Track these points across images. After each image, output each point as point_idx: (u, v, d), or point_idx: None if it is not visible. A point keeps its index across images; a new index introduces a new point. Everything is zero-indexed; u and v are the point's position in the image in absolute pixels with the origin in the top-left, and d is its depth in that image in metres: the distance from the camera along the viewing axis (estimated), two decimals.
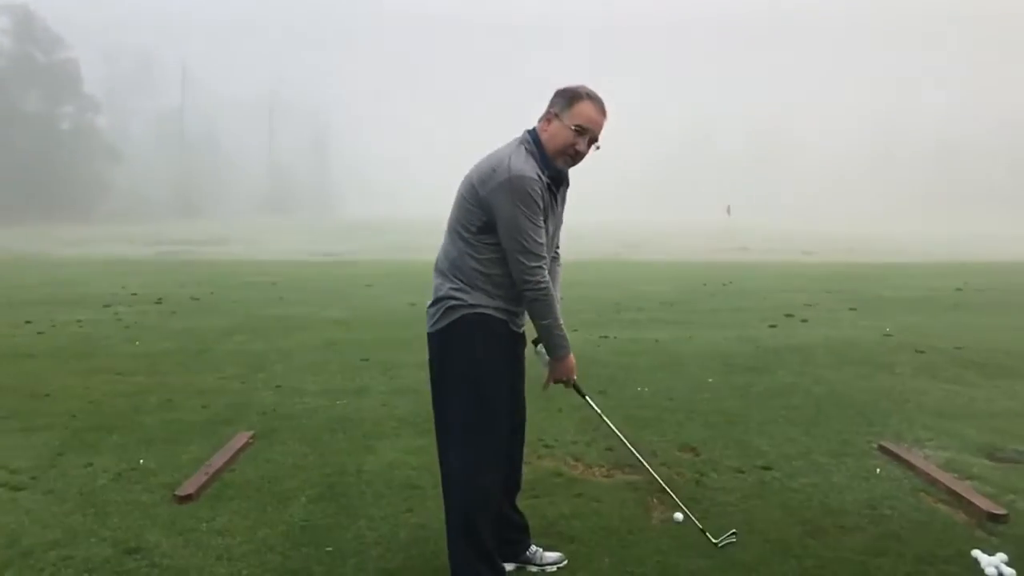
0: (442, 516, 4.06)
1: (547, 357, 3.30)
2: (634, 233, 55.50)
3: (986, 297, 15.07)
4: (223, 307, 13.32)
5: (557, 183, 3.17)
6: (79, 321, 11.45)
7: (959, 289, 16.43)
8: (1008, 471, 4.87)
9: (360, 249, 38.43)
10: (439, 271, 3.23)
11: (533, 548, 3.56)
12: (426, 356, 3.28)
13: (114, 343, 9.55)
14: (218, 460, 4.94)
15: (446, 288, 3.17)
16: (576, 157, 3.14)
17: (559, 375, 3.33)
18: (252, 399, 6.71)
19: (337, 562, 3.60)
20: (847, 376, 7.60)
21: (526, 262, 3.03)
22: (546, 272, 3.10)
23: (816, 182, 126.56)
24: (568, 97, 3.11)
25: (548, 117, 3.14)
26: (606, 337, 9.94)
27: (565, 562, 3.58)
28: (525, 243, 3.01)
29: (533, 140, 3.13)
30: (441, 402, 3.24)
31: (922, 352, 8.79)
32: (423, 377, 3.35)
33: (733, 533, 3.50)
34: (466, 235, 3.10)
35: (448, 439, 3.23)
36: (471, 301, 3.12)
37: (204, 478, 4.61)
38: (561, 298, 3.34)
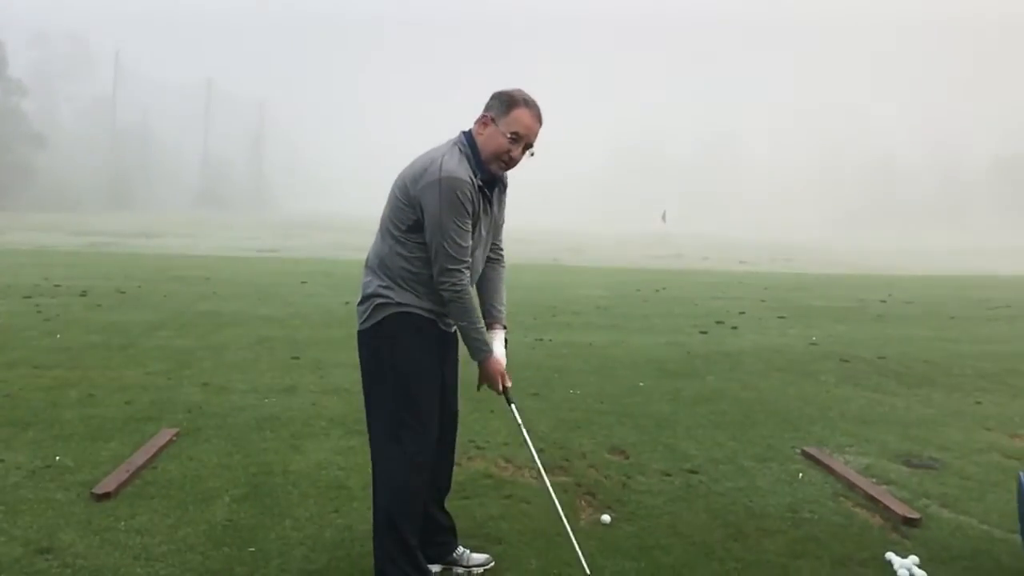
0: (369, 517, 4.03)
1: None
2: (574, 238, 55.92)
3: (910, 309, 15.58)
4: (151, 301, 12.97)
5: (491, 186, 3.17)
6: None
7: (884, 300, 16.95)
8: (923, 477, 5.03)
9: (297, 246, 37.88)
10: (369, 268, 3.22)
11: (460, 549, 3.55)
12: (357, 356, 3.25)
13: (34, 336, 9.22)
14: (139, 457, 4.81)
15: (375, 286, 3.15)
16: (510, 163, 3.15)
17: (483, 379, 3.32)
18: (177, 396, 6.55)
19: (260, 563, 3.53)
20: (774, 383, 7.76)
21: (446, 264, 3.03)
22: (466, 277, 3.10)
23: (760, 194, 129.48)
24: (505, 103, 3.10)
25: (484, 120, 3.12)
26: (541, 340, 9.98)
27: (492, 564, 3.57)
28: (446, 244, 3.01)
29: (468, 142, 3.12)
30: (370, 400, 3.23)
31: (847, 361, 9.04)
32: (355, 377, 3.32)
33: None
34: (396, 233, 3.10)
35: (377, 437, 3.21)
36: (398, 299, 3.11)
37: (124, 476, 4.47)
38: (505, 301, 3.36)
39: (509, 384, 3.34)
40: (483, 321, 3.26)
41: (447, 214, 2.98)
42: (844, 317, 13.71)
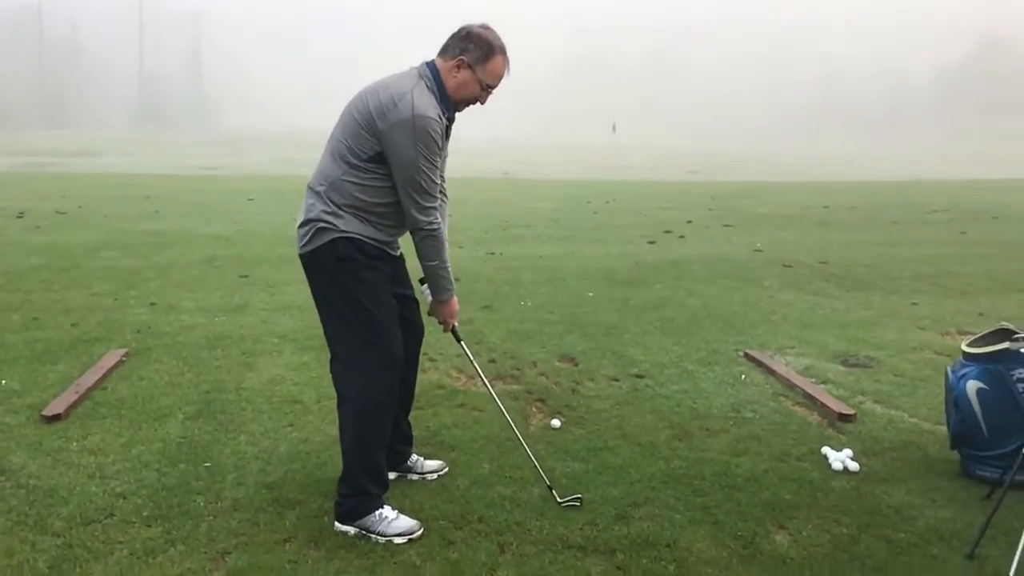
0: (325, 430, 4.13)
1: (430, 297, 3.30)
2: (523, 150, 55.46)
3: (852, 215, 15.91)
4: (92, 221, 12.65)
5: (451, 121, 3.13)
6: None
7: (827, 207, 17.26)
8: (859, 375, 5.25)
9: (241, 163, 36.97)
10: (313, 191, 3.10)
11: (414, 457, 3.63)
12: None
13: None
14: (89, 379, 4.78)
15: (318, 210, 3.04)
16: (473, 105, 3.15)
17: (440, 315, 3.33)
18: (125, 317, 6.48)
19: (216, 477, 3.58)
20: (718, 289, 7.94)
21: (421, 202, 3.00)
22: (438, 213, 3.10)
23: (705, 102, 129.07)
24: (484, 50, 3.01)
25: (458, 63, 3.02)
26: (492, 254, 10.01)
27: (446, 469, 3.67)
28: (423, 183, 2.97)
29: (433, 77, 3.03)
30: (327, 323, 3.18)
31: (789, 267, 9.26)
32: (306, 294, 3.28)
33: (578, 497, 3.38)
34: (354, 160, 2.99)
35: (341, 357, 3.18)
36: (343, 227, 3.02)
37: (74, 397, 4.45)
38: (447, 238, 3.34)
39: (456, 324, 3.42)
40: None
41: (420, 155, 2.92)
42: (788, 224, 13.97)
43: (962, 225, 13.98)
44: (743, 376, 5.17)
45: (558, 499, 3.36)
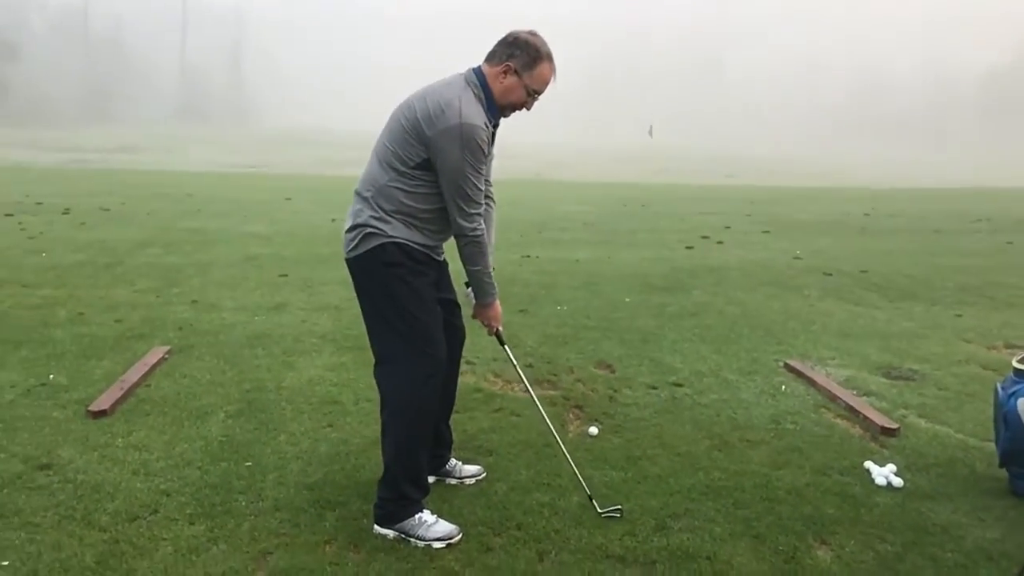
0: (363, 432, 4.16)
1: (474, 300, 3.31)
2: (557, 153, 55.41)
3: (892, 223, 15.67)
4: (136, 219, 12.87)
5: (496, 125, 3.14)
6: None
7: (868, 214, 17.03)
8: (902, 388, 5.16)
9: (279, 162, 37.39)
10: (361, 197, 3.12)
11: (453, 461, 3.64)
12: (346, 274, 3.24)
13: (18, 254, 9.17)
14: (133, 375, 4.86)
15: (366, 216, 3.07)
16: (520, 111, 3.17)
17: (483, 318, 3.34)
18: (167, 314, 6.58)
19: (257, 476, 3.62)
20: (758, 297, 7.86)
21: (466, 208, 3.01)
22: (482, 220, 3.10)
23: (743, 106, 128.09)
24: (532, 56, 3.02)
25: (505, 69, 3.03)
26: (528, 257, 10.02)
27: (484, 475, 3.67)
28: (468, 191, 2.98)
29: (480, 84, 3.05)
30: (372, 325, 3.20)
31: (829, 275, 9.15)
32: (344, 295, 3.33)
33: (618, 508, 3.33)
34: (401, 167, 3.01)
35: (386, 359, 3.19)
36: (390, 232, 3.05)
37: (119, 393, 4.53)
38: (494, 242, 3.35)
39: (501, 327, 3.41)
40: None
41: (467, 163, 2.93)
42: (828, 231, 13.80)
43: (1007, 235, 13.69)
44: (783, 386, 5.11)
45: (598, 509, 3.33)
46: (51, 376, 4.90)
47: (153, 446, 3.92)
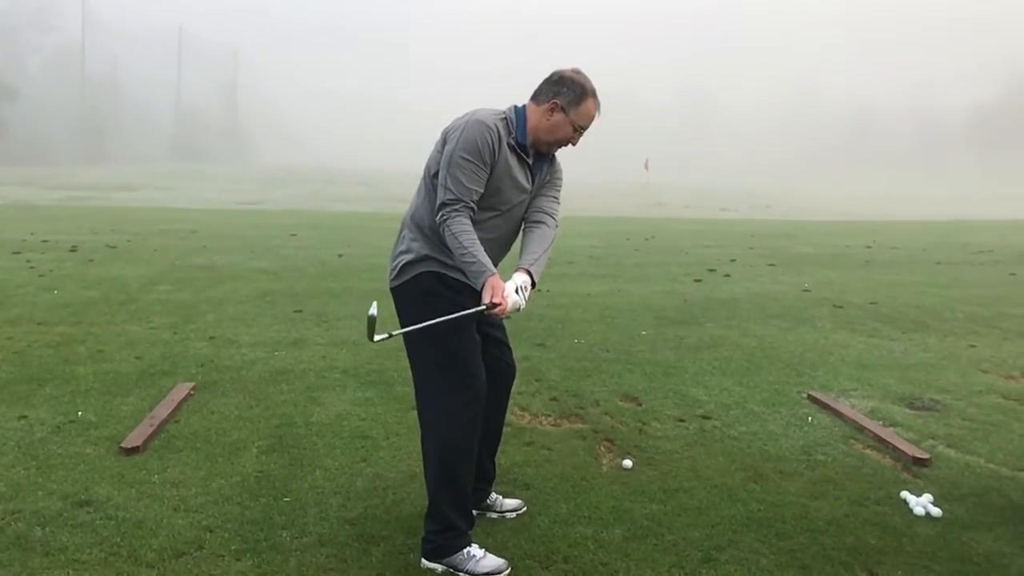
0: (398, 466, 4.17)
1: (521, 304, 3.10)
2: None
3: (894, 255, 15.77)
4: (142, 255, 12.89)
5: (532, 156, 3.19)
6: None
7: (869, 247, 17.14)
8: (927, 419, 5.18)
9: (279, 198, 37.50)
10: (404, 224, 3.25)
11: (493, 496, 3.63)
12: (359, 308, 3.28)
13: (31, 292, 9.17)
14: (162, 411, 4.86)
15: (406, 241, 3.20)
16: (565, 147, 3.24)
17: (486, 298, 3.02)
18: (187, 350, 6.57)
19: (298, 512, 3.61)
20: (772, 329, 7.90)
21: (442, 195, 3.02)
22: (462, 214, 3.01)
23: (735, 141, 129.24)
24: (577, 93, 3.10)
25: (552, 107, 3.10)
26: (539, 290, 10.03)
27: (524, 508, 3.67)
28: (449, 179, 3.00)
29: (516, 113, 3.14)
30: (410, 355, 3.24)
31: (840, 307, 9.20)
32: (360, 329, 3.35)
33: None
34: (428, 182, 3.15)
35: (426, 390, 3.22)
36: (424, 252, 3.13)
37: (149, 430, 4.52)
38: (542, 259, 3.26)
39: (501, 304, 2.98)
40: (483, 253, 3.04)
41: (459, 149, 2.99)
42: (832, 264, 13.88)
43: (1010, 266, 13.79)
44: (810, 418, 5.12)
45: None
46: (79, 413, 4.89)
47: (189, 482, 3.91)
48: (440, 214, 3.02)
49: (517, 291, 3.06)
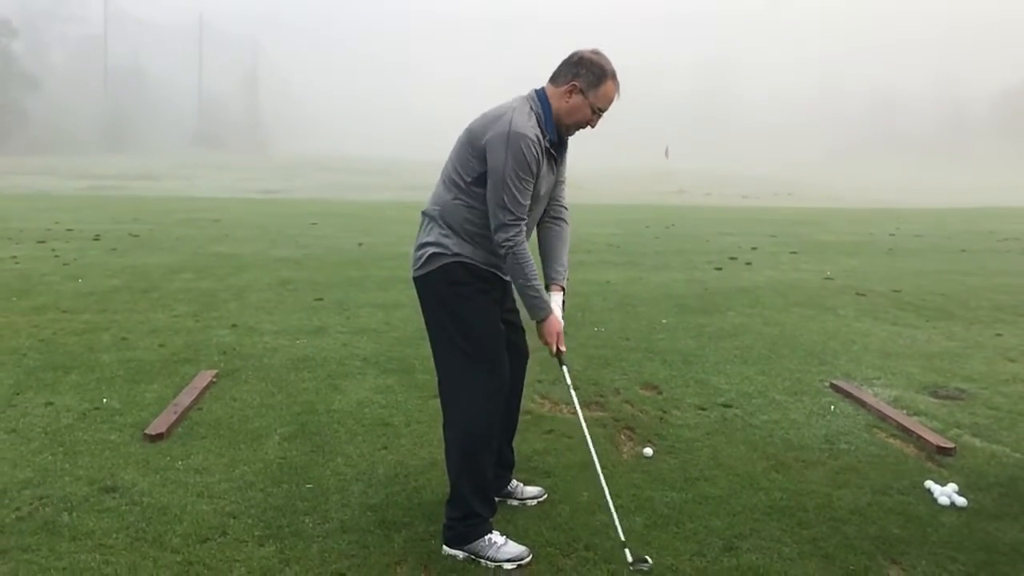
0: (419, 453, 4.18)
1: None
2: (573, 173, 55.52)
3: (918, 243, 15.62)
4: (165, 244, 13.00)
5: (557, 147, 3.17)
6: (14, 257, 11.08)
7: (893, 234, 16.98)
8: (952, 407, 5.13)
9: (298, 187, 37.68)
10: (428, 215, 3.20)
11: (514, 483, 3.64)
12: (379, 297, 3.27)
13: (56, 280, 9.27)
14: (185, 399, 4.90)
15: (434, 234, 3.15)
16: (584, 129, 3.19)
17: (540, 337, 3.23)
18: (209, 338, 6.63)
19: (320, 498, 3.63)
20: (794, 318, 7.84)
21: (502, 217, 3.00)
22: (522, 232, 3.04)
23: (756, 128, 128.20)
24: (597, 75, 3.06)
25: (570, 88, 3.07)
26: None
27: (545, 496, 3.67)
28: (506, 199, 2.98)
29: (540, 101, 3.10)
30: (435, 344, 3.24)
31: (863, 295, 9.12)
32: (380, 317, 3.37)
33: (646, 561, 3.06)
34: (462, 184, 3.08)
35: (450, 378, 3.22)
36: (456, 250, 3.10)
37: (173, 417, 4.56)
38: (566, 263, 3.43)
39: (564, 348, 3.24)
40: (540, 280, 3.18)
41: (511, 169, 2.95)
42: (855, 251, 13.76)
43: None
44: (832, 407, 5.09)
45: (629, 559, 3.06)
46: (104, 400, 4.95)
47: (213, 468, 3.95)
48: (502, 237, 3.01)
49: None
